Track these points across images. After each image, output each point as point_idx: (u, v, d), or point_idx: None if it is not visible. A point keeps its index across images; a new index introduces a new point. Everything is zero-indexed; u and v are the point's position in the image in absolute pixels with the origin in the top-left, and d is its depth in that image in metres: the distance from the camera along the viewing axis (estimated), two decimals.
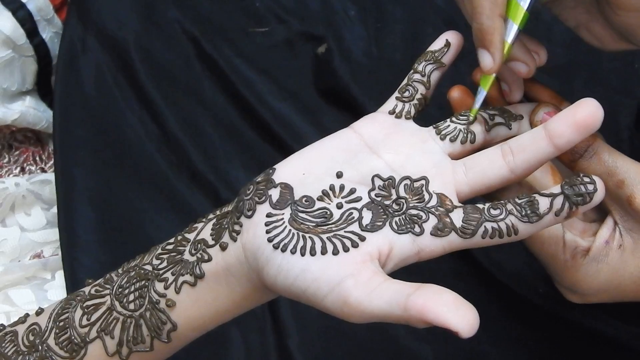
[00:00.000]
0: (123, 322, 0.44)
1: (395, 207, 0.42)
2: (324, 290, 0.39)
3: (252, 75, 0.71)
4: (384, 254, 0.41)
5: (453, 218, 0.41)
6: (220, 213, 0.45)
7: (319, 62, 0.72)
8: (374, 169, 0.44)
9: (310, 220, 0.42)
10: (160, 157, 0.69)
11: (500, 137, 0.48)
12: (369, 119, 0.48)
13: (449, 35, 0.49)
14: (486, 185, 0.45)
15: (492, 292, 0.64)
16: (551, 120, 0.43)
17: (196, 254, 0.44)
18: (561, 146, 0.42)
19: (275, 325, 0.64)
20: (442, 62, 0.49)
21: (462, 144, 0.47)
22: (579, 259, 0.46)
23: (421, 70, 0.49)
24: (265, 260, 0.41)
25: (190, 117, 0.71)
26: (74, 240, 0.66)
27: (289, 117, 0.70)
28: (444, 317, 0.35)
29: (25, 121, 0.72)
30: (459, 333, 0.35)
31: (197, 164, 0.69)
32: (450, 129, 0.47)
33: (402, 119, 0.48)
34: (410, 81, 0.49)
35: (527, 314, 0.63)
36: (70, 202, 0.67)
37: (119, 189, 0.68)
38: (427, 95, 0.49)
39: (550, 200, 0.40)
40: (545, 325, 0.62)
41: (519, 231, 0.41)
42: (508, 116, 0.48)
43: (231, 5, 0.73)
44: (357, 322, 0.39)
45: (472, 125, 0.47)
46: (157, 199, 0.68)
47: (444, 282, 0.37)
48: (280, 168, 0.44)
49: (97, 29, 0.71)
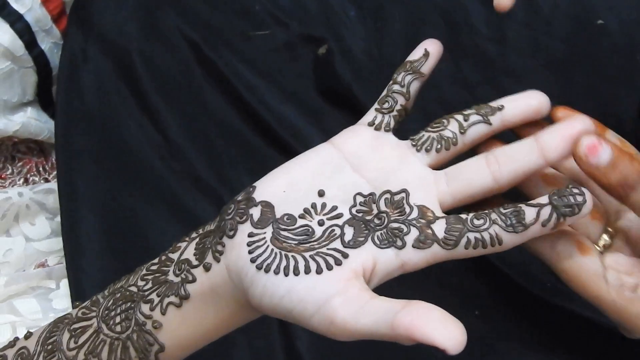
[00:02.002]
0: (110, 344, 0.44)
1: (376, 221, 0.42)
2: (310, 310, 0.39)
3: (254, 79, 0.71)
4: (368, 269, 0.41)
5: (435, 229, 0.41)
6: (202, 232, 0.45)
7: (320, 63, 0.72)
8: (356, 186, 0.44)
9: (292, 239, 0.41)
10: (163, 164, 0.69)
11: (481, 135, 0.47)
12: (349, 132, 0.47)
13: (428, 44, 0.49)
14: (469, 194, 0.44)
15: (499, 286, 0.63)
16: (544, 133, 0.42)
17: (180, 274, 0.43)
18: (552, 160, 0.42)
19: (283, 327, 0.64)
20: (422, 72, 0.48)
21: (437, 152, 0.46)
22: (627, 296, 0.43)
23: (400, 81, 0.48)
24: (250, 281, 0.41)
25: (193, 123, 0.70)
26: (78, 249, 0.65)
27: (291, 120, 0.70)
28: (431, 335, 0.35)
29: (27, 132, 0.71)
30: (447, 350, 0.35)
31: (200, 171, 0.69)
32: (424, 139, 0.47)
33: (382, 131, 0.47)
34: (389, 92, 0.48)
35: (534, 308, 0.62)
36: (74, 211, 0.67)
37: (122, 198, 0.68)
38: (407, 106, 0.48)
39: (537, 211, 0.40)
40: (553, 320, 0.62)
41: (504, 241, 0.40)
42: (486, 112, 0.47)
43: (231, 9, 0.73)
44: (344, 340, 0.39)
45: (444, 131, 0.46)
46: (161, 207, 0.68)
47: (449, 277, 0.37)
48: (261, 186, 0.44)
49: (98, 37, 0.71)
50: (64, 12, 0.74)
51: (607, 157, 0.40)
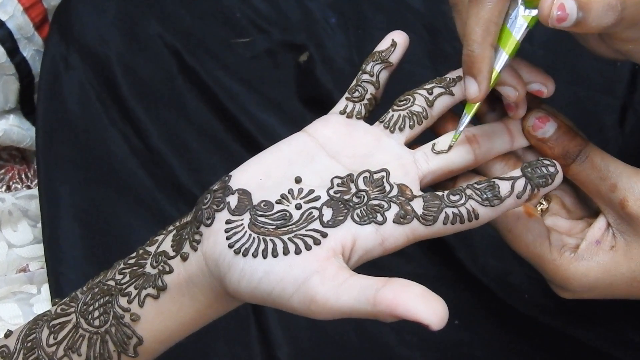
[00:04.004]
0: (89, 339, 0.44)
1: (355, 200, 0.42)
2: (290, 290, 0.39)
3: (235, 87, 0.71)
4: (348, 247, 0.41)
5: (414, 206, 0.42)
6: (180, 224, 0.45)
7: (301, 71, 0.72)
8: (333, 171, 0.45)
9: (270, 223, 0.42)
10: (144, 172, 0.69)
11: (446, 106, 0.49)
12: (322, 121, 0.48)
13: (395, 35, 0.50)
14: (449, 169, 0.46)
15: (478, 296, 0.64)
16: (515, 122, 0.47)
17: (157, 266, 0.44)
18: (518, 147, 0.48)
19: (263, 337, 0.64)
20: (390, 62, 0.49)
21: (411, 129, 0.47)
22: (567, 256, 0.46)
23: (369, 71, 0.49)
24: (227, 266, 0.41)
25: (174, 131, 0.71)
26: (59, 256, 0.66)
27: (273, 127, 0.70)
28: (414, 310, 0.35)
29: (9, 139, 0.72)
30: (430, 326, 0.35)
31: (181, 178, 0.69)
32: (395, 118, 0.48)
33: (354, 119, 0.48)
34: (359, 81, 0.49)
35: (514, 319, 0.63)
36: (56, 218, 0.67)
37: (104, 205, 0.68)
38: (376, 95, 0.49)
39: (511, 184, 0.41)
40: (532, 331, 0.62)
41: (480, 215, 0.41)
42: (447, 83, 0.49)
43: (212, 17, 0.73)
44: (324, 319, 0.39)
45: (413, 106, 0.48)
46: (142, 214, 0.68)
47: (429, 286, 0.37)
48: (237, 174, 0.45)
49: (79, 46, 0.71)
50: (46, 20, 0.74)
51: (552, 130, 0.47)
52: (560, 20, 0.38)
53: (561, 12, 0.38)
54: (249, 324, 0.64)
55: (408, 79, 0.69)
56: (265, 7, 0.74)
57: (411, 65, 0.70)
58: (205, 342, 0.63)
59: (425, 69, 0.71)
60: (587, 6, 0.38)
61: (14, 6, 0.70)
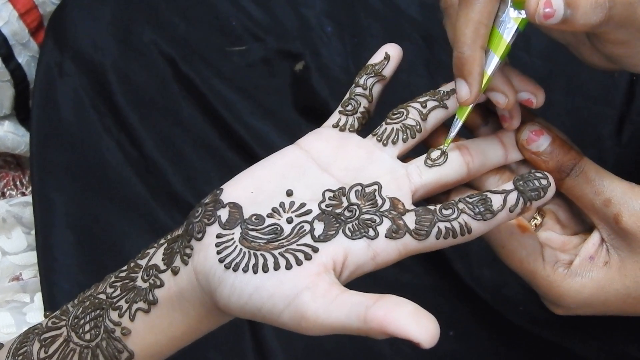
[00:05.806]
0: (80, 353, 0.43)
1: (347, 214, 0.42)
2: (280, 306, 0.39)
3: (230, 95, 0.71)
4: (339, 262, 0.40)
5: (406, 221, 0.41)
6: (171, 237, 0.45)
7: (297, 79, 0.72)
8: (325, 184, 0.44)
9: (261, 238, 0.41)
10: (139, 180, 0.69)
11: (440, 119, 0.48)
12: (315, 134, 0.48)
13: (388, 48, 0.50)
14: (442, 183, 0.46)
15: (472, 307, 0.63)
16: (509, 135, 0.47)
17: (148, 279, 0.43)
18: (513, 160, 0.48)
19: (258, 346, 0.63)
20: (383, 75, 0.49)
21: (404, 142, 0.47)
22: (560, 272, 0.46)
23: (362, 84, 0.49)
24: (218, 281, 0.40)
25: (169, 139, 0.70)
26: (52, 264, 0.66)
27: (268, 136, 0.70)
28: (404, 328, 0.35)
29: (4, 146, 0.72)
30: (421, 344, 0.35)
31: (176, 186, 0.69)
32: (388, 131, 0.47)
33: (347, 132, 0.48)
34: (352, 95, 0.49)
35: (509, 331, 0.62)
36: (49, 226, 0.67)
37: (98, 213, 0.68)
38: (369, 108, 0.49)
39: (503, 197, 0.41)
40: (527, 343, 0.62)
41: (473, 229, 0.41)
42: (441, 96, 0.48)
43: (207, 25, 0.73)
44: (315, 335, 0.38)
45: (406, 120, 0.47)
46: (137, 222, 0.68)
47: (424, 298, 0.37)
48: (228, 188, 0.44)
49: (74, 53, 0.71)
50: (42, 26, 0.74)
51: (546, 143, 0.46)
52: (547, 17, 0.38)
53: (548, 9, 0.38)
54: (244, 332, 0.64)
55: (404, 88, 0.70)
56: (261, 15, 0.74)
57: (407, 74, 0.70)
58: (200, 351, 0.63)
59: (421, 78, 0.71)
60: (574, 3, 0.38)
61: (9, 12, 0.70)
